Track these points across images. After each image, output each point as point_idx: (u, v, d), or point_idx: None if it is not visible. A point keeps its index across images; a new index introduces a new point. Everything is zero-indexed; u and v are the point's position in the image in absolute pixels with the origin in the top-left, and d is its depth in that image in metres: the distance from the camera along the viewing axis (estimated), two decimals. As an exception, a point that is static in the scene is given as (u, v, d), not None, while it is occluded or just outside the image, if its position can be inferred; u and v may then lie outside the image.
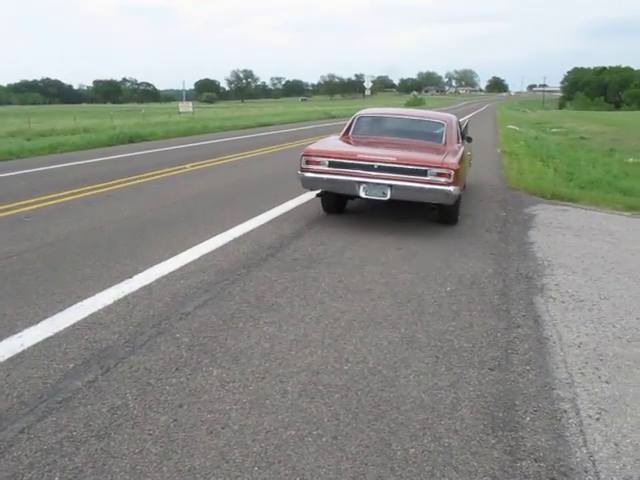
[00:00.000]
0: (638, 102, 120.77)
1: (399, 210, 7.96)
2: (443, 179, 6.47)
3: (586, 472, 2.62)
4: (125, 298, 4.46)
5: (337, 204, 7.76)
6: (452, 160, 6.70)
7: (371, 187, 6.74)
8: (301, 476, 2.52)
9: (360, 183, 6.75)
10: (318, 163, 6.95)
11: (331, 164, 6.87)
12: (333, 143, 7.87)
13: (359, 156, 6.84)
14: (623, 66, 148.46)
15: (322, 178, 6.93)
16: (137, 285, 4.75)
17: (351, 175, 6.76)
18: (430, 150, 7.30)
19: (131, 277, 4.94)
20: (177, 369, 3.42)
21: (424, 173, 6.52)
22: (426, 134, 7.96)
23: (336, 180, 6.86)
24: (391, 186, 6.63)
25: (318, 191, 7.38)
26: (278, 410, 3.02)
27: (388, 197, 6.72)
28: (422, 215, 7.62)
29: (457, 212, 7.39)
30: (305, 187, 7.38)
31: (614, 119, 54.52)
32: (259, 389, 3.22)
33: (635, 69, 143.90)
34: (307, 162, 7.03)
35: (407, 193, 6.68)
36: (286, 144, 18.79)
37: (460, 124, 8.84)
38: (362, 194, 6.80)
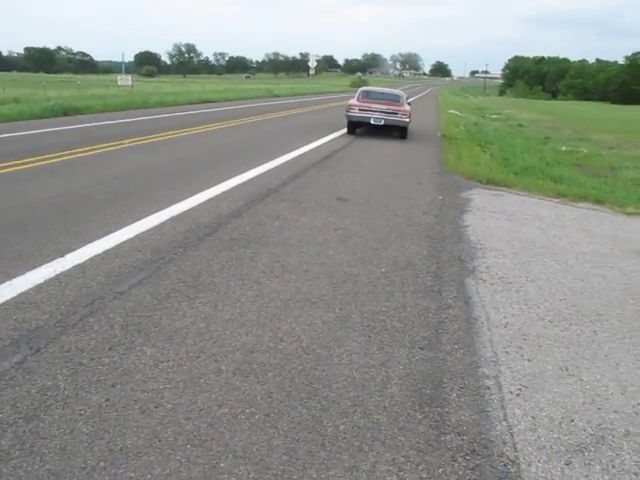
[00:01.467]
0: (573, 92, 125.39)
1: (341, 189, 8.07)
2: (404, 116, 15.46)
3: (504, 444, 2.78)
4: (57, 277, 4.35)
5: (354, 129, 16.19)
6: (407, 108, 15.98)
7: (376, 119, 15.35)
8: (233, 453, 2.57)
9: (371, 117, 15.40)
10: (354, 109, 15.64)
11: (359, 109, 15.53)
12: (356, 102, 15.94)
13: (371, 106, 15.54)
14: (561, 57, 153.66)
15: (356, 115, 15.57)
16: (70, 264, 4.63)
17: (368, 114, 15.45)
18: (397, 105, 15.92)
19: (63, 256, 4.81)
20: (110, 349, 3.38)
21: (397, 113, 15.49)
22: (393, 99, 16.57)
23: (362, 116, 15.51)
24: (384, 119, 15.35)
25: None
26: (212, 389, 3.04)
27: (382, 123, 15.37)
28: (364, 197, 7.75)
29: (407, 132, 16.07)
30: (348, 119, 15.81)
31: (551, 108, 56.39)
32: (193, 368, 3.23)
33: (571, 60, 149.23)
34: (349, 109, 15.68)
35: (390, 121, 15.39)
36: (230, 121, 18.56)
37: (407, 96, 18.35)
38: (372, 122, 15.38)
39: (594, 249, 6.22)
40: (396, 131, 16.00)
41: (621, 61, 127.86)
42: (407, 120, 15.58)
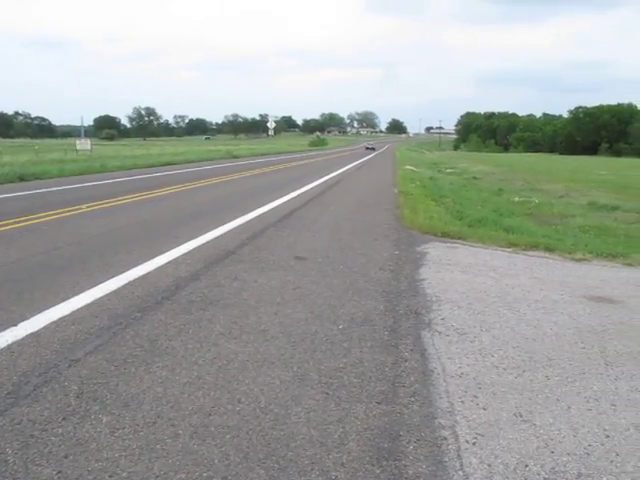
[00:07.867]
0: (524, 145, 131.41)
1: (299, 248, 8.17)
2: (375, 146, 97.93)
3: (461, 495, 2.81)
4: (9, 347, 4.28)
5: (366, 149, 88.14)
6: (373, 143, 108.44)
7: (368, 145, 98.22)
8: (189, 520, 2.54)
9: (367, 145, 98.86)
10: (365, 144, 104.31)
11: (365, 144, 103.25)
12: (365, 143, 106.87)
13: (367, 145, 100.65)
14: (510, 112, 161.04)
15: (365, 146, 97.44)
16: (23, 333, 4.56)
17: (367, 146, 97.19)
18: (372, 143, 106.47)
19: (16, 324, 4.73)
20: (64, 418, 3.33)
21: (372, 144, 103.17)
22: (371, 143, 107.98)
23: (366, 146, 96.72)
24: (370, 146, 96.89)
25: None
26: (169, 454, 3.01)
27: (369, 146, 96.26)
28: (322, 255, 7.87)
29: (375, 150, 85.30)
30: (365, 146, 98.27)
31: (503, 160, 58.62)
32: (150, 434, 3.20)
33: (520, 115, 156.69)
34: (364, 144, 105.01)
35: (370, 147, 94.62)
36: (189, 184, 18.70)
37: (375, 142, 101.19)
38: (367, 147, 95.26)
39: (545, 296, 6.41)
40: (372, 149, 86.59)
41: (565, 115, 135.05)
42: (374, 147, 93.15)
